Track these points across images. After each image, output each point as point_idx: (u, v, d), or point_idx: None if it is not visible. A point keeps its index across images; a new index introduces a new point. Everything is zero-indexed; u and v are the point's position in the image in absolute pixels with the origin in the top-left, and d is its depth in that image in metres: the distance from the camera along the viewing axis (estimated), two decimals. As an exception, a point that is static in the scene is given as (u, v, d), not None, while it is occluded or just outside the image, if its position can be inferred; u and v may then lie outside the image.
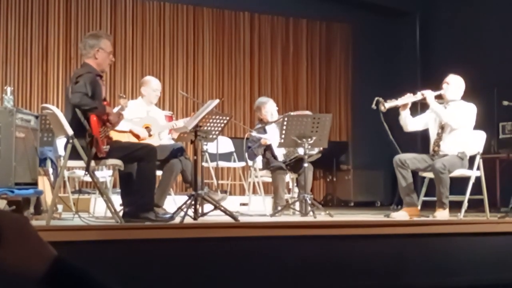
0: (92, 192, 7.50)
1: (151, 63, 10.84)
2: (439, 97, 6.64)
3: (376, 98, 6.47)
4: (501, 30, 10.39)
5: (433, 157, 6.57)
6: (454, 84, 6.63)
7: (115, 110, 5.64)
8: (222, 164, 8.72)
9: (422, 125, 6.80)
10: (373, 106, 6.52)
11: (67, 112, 5.25)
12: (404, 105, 6.59)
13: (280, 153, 7.27)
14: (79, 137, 5.08)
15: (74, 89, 5.12)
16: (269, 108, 7.46)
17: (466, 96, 6.78)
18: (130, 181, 5.43)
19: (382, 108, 6.42)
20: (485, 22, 10.65)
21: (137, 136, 6.56)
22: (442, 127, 6.60)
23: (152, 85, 6.93)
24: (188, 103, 11.00)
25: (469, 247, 4.94)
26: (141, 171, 5.32)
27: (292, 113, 7.14)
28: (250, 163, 7.51)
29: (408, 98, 6.54)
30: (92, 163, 5.21)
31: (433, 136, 6.69)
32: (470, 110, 6.57)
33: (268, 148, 7.30)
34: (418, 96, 6.54)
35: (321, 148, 7.16)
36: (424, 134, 7.00)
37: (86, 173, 5.20)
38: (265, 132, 7.36)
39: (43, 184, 6.00)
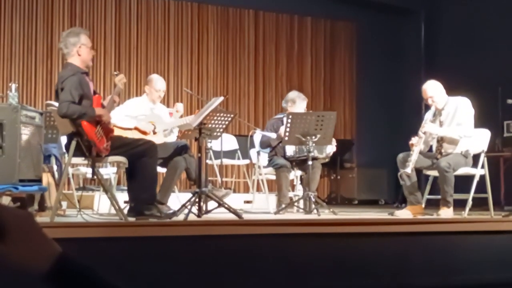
0: (96, 189, 7.51)
1: (155, 61, 10.85)
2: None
3: (399, 174, 6.42)
4: (505, 28, 10.36)
5: (437, 158, 6.56)
6: (436, 93, 6.58)
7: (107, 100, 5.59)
8: (226, 161, 8.72)
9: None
10: (402, 182, 6.48)
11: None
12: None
13: (290, 148, 7.23)
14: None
15: (60, 98, 5.12)
16: (300, 106, 7.42)
17: (471, 95, 6.76)
18: (134, 176, 5.45)
19: (409, 171, 6.35)
20: (490, 20, 10.63)
21: (143, 133, 6.56)
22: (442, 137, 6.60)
23: (156, 86, 6.88)
24: (193, 100, 11.00)
25: (473, 245, 4.93)
26: (142, 167, 5.33)
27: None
28: (254, 160, 7.51)
29: (419, 146, 6.44)
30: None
31: (434, 143, 6.68)
32: (467, 110, 6.53)
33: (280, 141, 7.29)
34: (422, 136, 6.49)
35: (331, 153, 7.17)
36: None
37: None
38: (282, 123, 7.35)
39: (47, 181, 6.00)
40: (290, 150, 7.24)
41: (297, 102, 7.45)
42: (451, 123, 6.52)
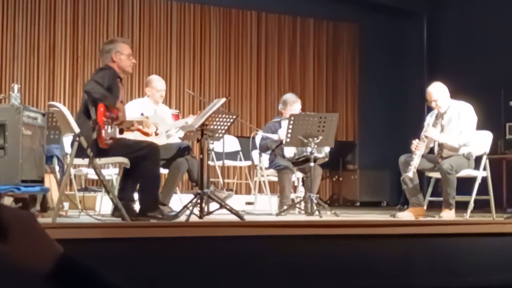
0: (98, 190, 7.51)
1: (158, 62, 10.86)
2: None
3: (402, 178, 6.42)
4: (508, 30, 10.36)
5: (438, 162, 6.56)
6: (440, 96, 6.58)
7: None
8: (228, 163, 8.72)
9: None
10: (404, 186, 6.47)
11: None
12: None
13: (289, 151, 7.23)
14: (84, 124, 5.10)
15: (92, 78, 5.21)
16: (295, 108, 7.44)
17: (473, 97, 6.76)
18: (136, 178, 5.46)
19: (410, 175, 6.34)
20: (492, 22, 10.63)
21: (146, 134, 6.56)
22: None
23: (155, 86, 6.90)
24: (195, 101, 11.01)
25: (475, 247, 4.92)
26: (145, 170, 5.33)
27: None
28: (256, 161, 7.51)
29: (421, 150, 6.44)
30: (99, 161, 5.22)
31: (436, 147, 6.68)
32: (469, 117, 6.52)
33: (279, 144, 7.30)
34: (424, 139, 6.49)
35: (327, 153, 7.17)
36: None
37: (89, 167, 5.22)
38: (280, 126, 7.36)
39: (50, 181, 6.00)
40: (289, 152, 7.25)
41: (288, 104, 7.48)
42: (453, 129, 6.51)
